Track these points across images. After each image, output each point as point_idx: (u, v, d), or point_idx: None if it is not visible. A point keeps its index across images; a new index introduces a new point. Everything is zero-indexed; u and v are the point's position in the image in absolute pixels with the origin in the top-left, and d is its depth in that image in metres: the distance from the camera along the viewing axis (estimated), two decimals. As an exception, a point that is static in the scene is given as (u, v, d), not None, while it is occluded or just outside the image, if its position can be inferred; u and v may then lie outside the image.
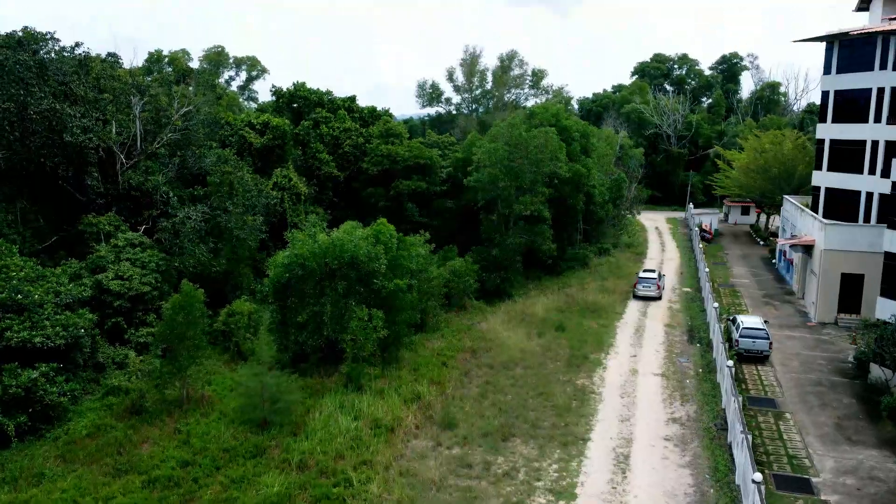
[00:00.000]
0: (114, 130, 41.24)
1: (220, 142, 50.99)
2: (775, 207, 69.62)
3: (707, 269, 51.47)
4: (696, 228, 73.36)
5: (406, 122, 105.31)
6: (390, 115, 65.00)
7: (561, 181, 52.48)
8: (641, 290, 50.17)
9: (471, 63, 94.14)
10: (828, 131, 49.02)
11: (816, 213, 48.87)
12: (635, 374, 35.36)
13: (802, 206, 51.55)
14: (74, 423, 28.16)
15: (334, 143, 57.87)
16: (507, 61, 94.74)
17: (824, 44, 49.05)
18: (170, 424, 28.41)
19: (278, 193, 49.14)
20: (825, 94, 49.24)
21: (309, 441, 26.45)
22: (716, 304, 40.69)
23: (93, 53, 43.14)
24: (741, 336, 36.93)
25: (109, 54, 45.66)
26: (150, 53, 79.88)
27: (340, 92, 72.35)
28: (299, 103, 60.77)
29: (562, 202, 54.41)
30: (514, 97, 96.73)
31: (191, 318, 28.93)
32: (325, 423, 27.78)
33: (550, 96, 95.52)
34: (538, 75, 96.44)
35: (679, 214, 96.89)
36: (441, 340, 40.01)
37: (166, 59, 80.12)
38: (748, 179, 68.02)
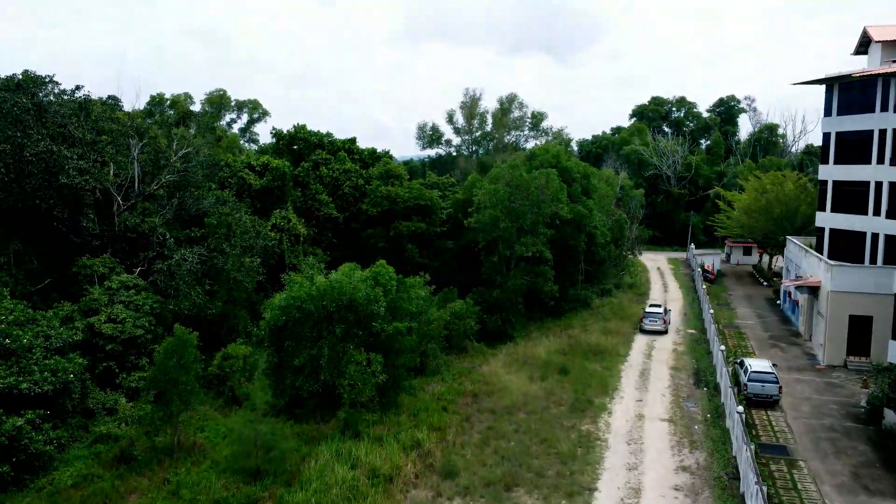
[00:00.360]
0: (111, 172, 41.00)
1: (220, 183, 50.81)
2: (778, 248, 69.15)
3: (712, 311, 50.67)
4: (699, 269, 72.74)
5: (406, 163, 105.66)
6: (390, 157, 65.02)
7: (562, 222, 52.07)
8: (648, 325, 51.18)
9: (471, 105, 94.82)
10: (830, 172, 48.80)
11: (821, 254, 48.31)
12: (642, 420, 34.30)
13: (807, 247, 51.01)
14: (60, 473, 27.09)
15: (334, 184, 57.72)
16: (507, 104, 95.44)
17: (824, 86, 49.20)
18: (159, 474, 27.32)
19: (277, 235, 48.70)
20: (826, 136, 49.18)
21: (304, 492, 25.34)
22: (722, 347, 39.79)
23: (94, 96, 43.30)
24: (749, 380, 35.97)
25: (110, 97, 45.97)
26: (151, 96, 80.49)
27: (341, 134, 72.64)
28: (299, 145, 60.81)
29: (563, 243, 53.91)
30: (513, 139, 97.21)
31: (183, 362, 28.08)
32: (320, 472, 26.69)
33: (550, 138, 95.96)
34: (538, 117, 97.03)
35: (680, 255, 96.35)
36: (441, 384, 39.00)
37: (168, 102, 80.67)
38: (750, 220, 67.66)
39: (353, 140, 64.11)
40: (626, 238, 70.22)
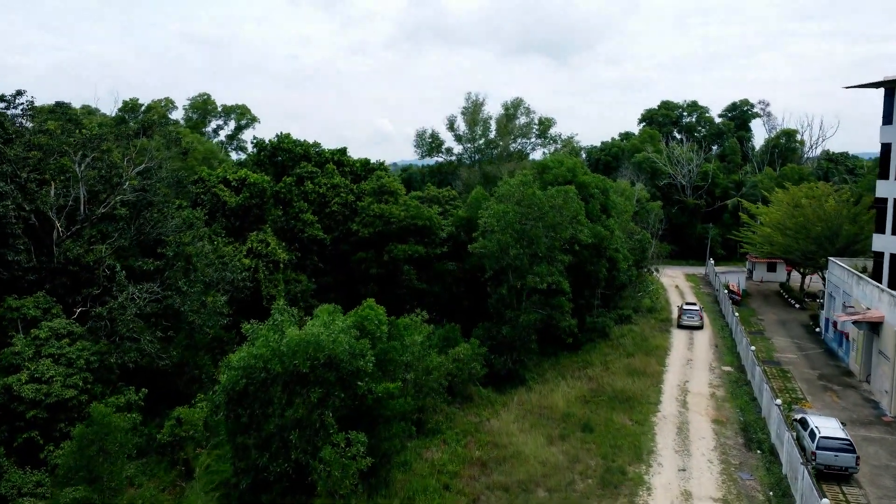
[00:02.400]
0: (52, 193, 34.62)
1: (192, 201, 44.42)
2: (814, 267, 62.73)
3: (753, 347, 44.03)
4: (724, 289, 66.25)
5: (405, 169, 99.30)
6: (385, 169, 58.27)
7: (581, 246, 45.47)
8: (686, 320, 56.13)
9: (473, 111, 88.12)
10: (890, 189, 42.24)
11: (880, 282, 41.83)
12: (689, 500, 27.84)
13: (860, 274, 44.45)
14: None
15: (320, 201, 51.05)
16: (512, 109, 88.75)
17: (883, 90, 42.78)
18: None
19: (253, 262, 42.18)
20: (885, 147, 42.66)
21: None
22: (778, 401, 33.26)
23: (79, 103, 36.89)
24: (819, 448, 29.45)
25: (57, 103, 39.44)
26: (125, 102, 73.21)
27: (339, 140, 66.03)
28: (283, 156, 54.13)
29: (580, 268, 47.33)
30: (519, 147, 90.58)
31: (107, 450, 21.58)
32: None
33: (559, 146, 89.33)
34: (545, 124, 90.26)
35: (698, 270, 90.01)
36: (442, 448, 32.57)
37: (143, 108, 73.81)
38: (786, 239, 60.89)
39: (342, 150, 57.50)
40: (648, 259, 63.68)
